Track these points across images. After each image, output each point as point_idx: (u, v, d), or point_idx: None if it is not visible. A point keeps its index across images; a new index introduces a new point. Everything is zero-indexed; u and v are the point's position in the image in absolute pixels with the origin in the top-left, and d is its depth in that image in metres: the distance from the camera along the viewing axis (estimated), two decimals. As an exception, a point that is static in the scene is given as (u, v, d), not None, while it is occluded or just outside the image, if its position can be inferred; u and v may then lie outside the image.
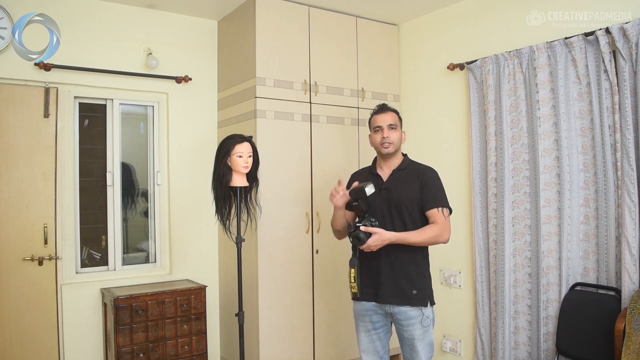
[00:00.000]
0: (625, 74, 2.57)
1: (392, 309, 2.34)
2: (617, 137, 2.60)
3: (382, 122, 2.41)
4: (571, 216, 2.85)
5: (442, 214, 2.27)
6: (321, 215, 3.47)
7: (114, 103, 3.44)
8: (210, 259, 3.74)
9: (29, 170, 3.07)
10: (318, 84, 3.50)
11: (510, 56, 3.10)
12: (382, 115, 2.43)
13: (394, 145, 2.39)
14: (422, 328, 2.31)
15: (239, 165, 2.82)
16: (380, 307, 2.38)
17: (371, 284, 2.38)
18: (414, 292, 2.30)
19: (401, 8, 3.65)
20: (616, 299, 2.62)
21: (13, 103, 3.04)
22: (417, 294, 2.31)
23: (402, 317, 2.32)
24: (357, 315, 2.48)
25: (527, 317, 3.06)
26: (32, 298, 3.05)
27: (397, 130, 2.42)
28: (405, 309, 2.31)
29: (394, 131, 2.40)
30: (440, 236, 2.26)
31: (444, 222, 2.27)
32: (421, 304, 2.30)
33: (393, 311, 2.34)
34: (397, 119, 2.46)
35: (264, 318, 3.22)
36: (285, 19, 3.38)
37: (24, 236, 3.05)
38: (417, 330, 2.31)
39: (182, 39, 3.65)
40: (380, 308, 2.38)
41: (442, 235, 2.26)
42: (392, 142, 2.38)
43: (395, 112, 2.48)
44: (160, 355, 3.12)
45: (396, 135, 2.40)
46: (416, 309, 2.31)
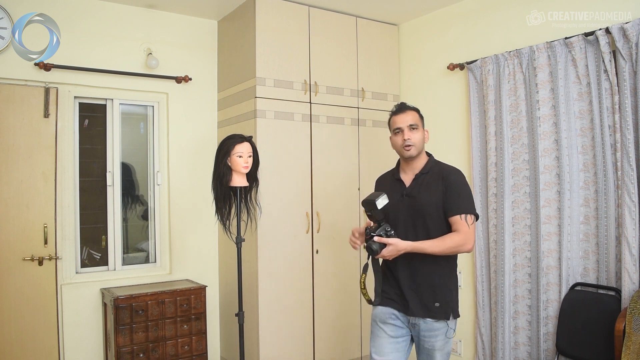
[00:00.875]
0: (625, 74, 2.57)
1: (415, 320, 2.20)
2: (617, 137, 2.60)
3: (402, 123, 2.22)
4: (571, 216, 2.85)
5: (465, 221, 2.08)
6: (321, 215, 3.47)
7: (114, 103, 3.44)
8: (210, 259, 3.74)
9: (29, 170, 3.07)
10: (318, 84, 3.50)
11: (510, 56, 3.10)
12: (402, 116, 2.24)
13: (416, 147, 2.22)
14: (445, 339, 2.17)
15: (239, 165, 2.82)
16: (402, 316, 2.23)
17: (394, 292, 2.25)
18: (437, 304, 2.14)
19: (401, 8, 3.65)
20: (616, 299, 2.62)
21: (13, 103, 3.04)
22: (440, 307, 2.15)
23: (425, 329, 2.18)
24: (376, 320, 2.29)
25: (527, 317, 3.06)
26: (32, 298, 3.05)
27: (419, 131, 2.24)
28: (428, 321, 2.16)
29: (415, 132, 2.22)
30: (462, 246, 2.07)
31: (467, 231, 2.08)
32: (444, 317, 2.14)
33: (416, 322, 2.20)
34: (418, 117, 2.27)
35: (264, 318, 3.22)
36: (285, 19, 3.38)
37: (24, 236, 3.05)
38: (439, 342, 2.16)
39: (182, 39, 3.65)
40: (403, 317, 2.23)
41: (465, 245, 2.07)
42: (414, 144, 2.21)
43: (416, 110, 2.29)
44: (160, 355, 3.12)
45: (418, 136, 2.22)
46: (441, 322, 2.15)
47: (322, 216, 3.48)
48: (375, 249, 2.05)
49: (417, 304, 2.17)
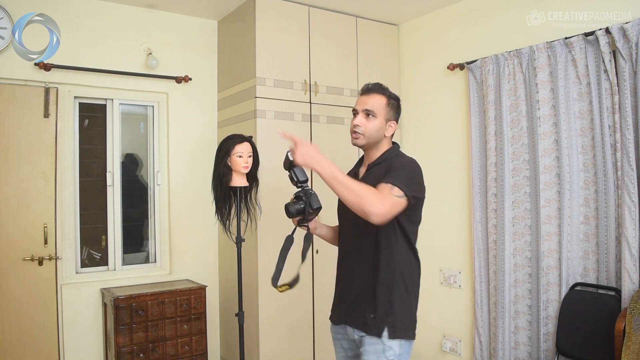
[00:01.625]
0: (625, 74, 2.57)
1: (354, 335, 1.88)
2: (617, 137, 2.60)
3: (358, 106, 1.91)
4: (571, 216, 2.85)
5: (388, 189, 1.69)
6: (321, 215, 3.47)
7: (114, 103, 3.44)
8: (210, 259, 3.74)
9: (29, 170, 3.07)
10: (318, 84, 3.50)
11: (510, 56, 3.10)
12: (364, 98, 1.91)
13: (365, 137, 1.88)
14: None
15: (239, 165, 2.82)
16: (345, 329, 1.95)
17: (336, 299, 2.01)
18: (372, 315, 1.81)
19: (401, 8, 3.65)
20: (616, 299, 2.62)
21: (13, 103, 3.04)
22: (374, 318, 1.80)
23: (361, 345, 1.85)
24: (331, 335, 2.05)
25: (527, 317, 3.06)
26: (32, 298, 3.05)
27: (377, 120, 1.87)
28: (362, 334, 1.84)
29: (370, 120, 1.87)
30: (368, 204, 1.61)
31: (384, 195, 1.66)
32: (376, 332, 1.79)
33: (355, 337, 1.88)
34: (384, 104, 1.88)
35: (264, 318, 3.22)
36: (285, 19, 3.38)
37: (24, 236, 3.05)
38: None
39: (182, 39, 3.64)
40: (346, 332, 1.95)
41: (372, 205, 1.61)
42: (363, 133, 1.88)
43: (387, 96, 1.91)
44: (160, 355, 3.12)
45: (371, 126, 1.87)
46: (374, 339, 1.79)
47: (322, 216, 3.47)
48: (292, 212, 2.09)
49: (352, 311, 1.89)
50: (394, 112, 1.93)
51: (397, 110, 1.95)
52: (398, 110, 1.95)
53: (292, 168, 1.96)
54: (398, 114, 1.96)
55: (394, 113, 1.94)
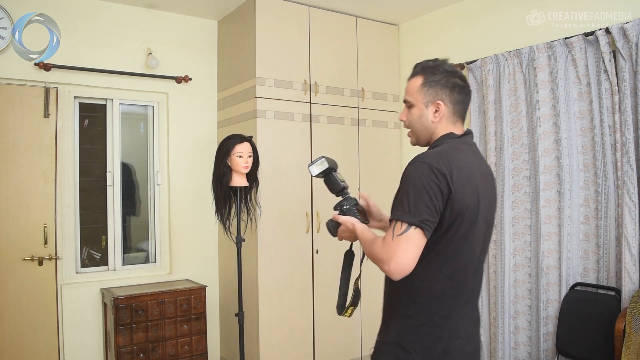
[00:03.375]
0: (625, 74, 2.57)
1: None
2: (617, 137, 2.60)
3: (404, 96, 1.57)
4: (571, 216, 2.85)
5: (391, 230, 1.34)
6: (321, 215, 3.47)
7: (114, 103, 3.44)
8: (210, 259, 3.74)
9: (29, 170, 3.07)
10: (318, 84, 3.50)
11: (510, 56, 3.10)
12: (406, 85, 1.57)
13: (412, 132, 1.55)
14: None
15: (239, 165, 2.82)
16: None
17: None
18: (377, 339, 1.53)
19: (401, 8, 3.65)
20: (616, 299, 2.62)
21: (13, 103, 3.04)
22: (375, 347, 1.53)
23: None
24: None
25: (527, 317, 3.06)
26: (32, 298, 3.05)
27: (415, 107, 1.50)
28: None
29: (410, 110, 1.52)
30: (381, 262, 1.34)
31: (387, 244, 1.33)
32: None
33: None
34: (418, 86, 1.49)
35: (264, 318, 3.22)
36: (285, 19, 3.38)
37: (24, 236, 3.05)
38: None
39: (182, 39, 3.64)
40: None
41: (383, 262, 1.33)
42: (408, 128, 1.56)
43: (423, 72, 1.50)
44: (160, 355, 3.12)
45: (411, 117, 1.52)
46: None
47: (322, 216, 3.47)
48: (330, 228, 1.62)
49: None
50: (436, 89, 1.47)
51: (443, 84, 1.47)
52: (444, 82, 1.47)
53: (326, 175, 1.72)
54: (446, 87, 1.46)
55: (436, 90, 1.47)
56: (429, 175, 1.32)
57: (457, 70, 1.51)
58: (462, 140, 1.47)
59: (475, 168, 1.42)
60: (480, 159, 1.50)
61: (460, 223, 1.35)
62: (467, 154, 1.43)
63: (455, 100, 1.48)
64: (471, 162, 1.42)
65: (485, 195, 1.43)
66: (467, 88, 1.51)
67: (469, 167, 1.39)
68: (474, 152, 1.49)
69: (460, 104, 1.49)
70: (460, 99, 1.49)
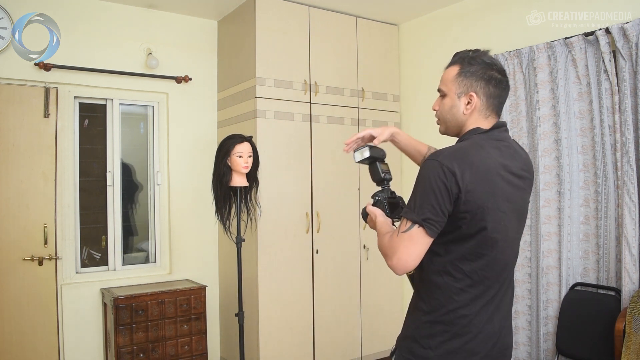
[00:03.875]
0: (625, 74, 2.57)
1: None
2: (617, 137, 2.60)
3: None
4: (571, 216, 2.85)
5: (398, 226, 1.38)
6: (321, 215, 3.47)
7: (114, 103, 3.44)
8: (210, 259, 3.74)
9: (29, 170, 3.07)
10: (318, 84, 3.50)
11: (510, 56, 3.10)
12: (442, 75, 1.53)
13: (441, 121, 1.51)
14: None
15: (239, 165, 2.82)
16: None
17: None
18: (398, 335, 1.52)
19: (401, 8, 3.65)
20: (616, 299, 2.62)
21: (13, 103, 3.04)
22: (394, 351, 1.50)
23: None
24: None
25: (527, 317, 3.06)
26: (32, 298, 3.05)
27: (448, 96, 1.47)
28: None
29: (443, 100, 1.49)
30: (386, 257, 1.37)
31: (393, 240, 1.36)
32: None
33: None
34: (453, 76, 1.46)
35: (264, 318, 3.22)
36: (285, 19, 3.38)
37: (24, 236, 3.05)
38: None
39: (182, 39, 3.64)
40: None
41: (387, 257, 1.36)
42: (438, 118, 1.52)
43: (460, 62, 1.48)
44: (160, 355, 3.12)
45: (442, 107, 1.49)
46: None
47: (322, 216, 3.48)
48: (362, 215, 1.64)
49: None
50: (471, 80, 1.42)
51: (479, 75, 1.42)
52: (480, 74, 1.42)
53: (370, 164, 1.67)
54: (482, 79, 1.42)
55: (470, 81, 1.42)
56: (437, 173, 1.30)
57: (496, 62, 1.45)
58: (488, 136, 1.40)
59: (495, 165, 1.35)
60: (510, 154, 1.41)
61: (476, 222, 1.32)
62: (490, 150, 1.37)
63: (490, 93, 1.41)
64: (491, 159, 1.35)
65: (513, 192, 1.38)
66: (504, 82, 1.44)
67: (487, 165, 1.33)
68: (502, 147, 1.40)
69: (495, 98, 1.42)
70: (496, 93, 1.42)
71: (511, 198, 1.37)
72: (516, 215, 1.40)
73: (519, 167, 1.41)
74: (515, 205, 1.40)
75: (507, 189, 1.36)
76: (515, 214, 1.40)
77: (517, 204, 1.41)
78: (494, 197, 1.33)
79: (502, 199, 1.35)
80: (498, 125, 1.43)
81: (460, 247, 1.36)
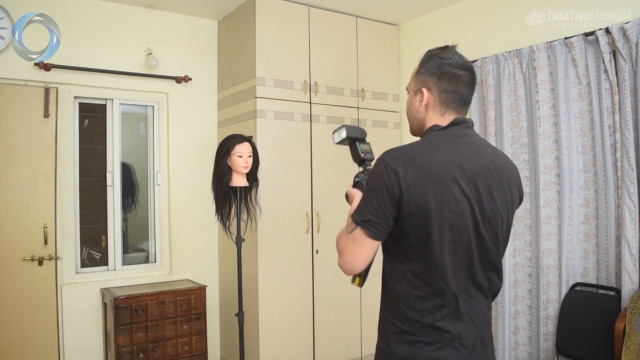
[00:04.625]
0: (625, 74, 2.57)
1: None
2: (617, 137, 2.60)
3: None
4: (571, 216, 2.85)
5: (346, 224, 1.35)
6: (321, 215, 3.47)
7: (114, 103, 3.44)
8: (210, 259, 3.74)
9: (29, 170, 3.07)
10: (318, 84, 3.50)
11: (510, 56, 3.10)
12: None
13: (408, 119, 1.48)
14: None
15: (239, 165, 2.83)
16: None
17: None
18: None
19: (401, 8, 3.65)
20: (616, 299, 2.62)
21: (13, 103, 3.04)
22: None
23: None
24: None
25: (527, 317, 3.06)
26: (32, 298, 3.05)
27: (408, 95, 1.46)
28: None
29: (408, 99, 1.47)
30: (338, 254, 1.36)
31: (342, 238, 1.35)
32: None
33: None
34: (413, 73, 1.46)
35: (264, 318, 3.22)
36: (285, 19, 3.38)
37: (24, 236, 3.05)
38: None
39: (182, 39, 3.65)
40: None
41: (338, 255, 1.35)
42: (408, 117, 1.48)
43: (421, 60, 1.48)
44: (160, 355, 3.12)
45: (406, 106, 1.47)
46: None
47: (322, 216, 3.48)
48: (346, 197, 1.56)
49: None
50: (425, 75, 1.39)
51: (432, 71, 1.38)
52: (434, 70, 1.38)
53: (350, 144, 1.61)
54: (434, 74, 1.37)
55: (424, 77, 1.38)
56: (380, 173, 1.26)
57: (453, 57, 1.38)
58: (445, 133, 1.32)
59: (447, 165, 1.25)
60: (471, 152, 1.30)
61: (421, 225, 1.24)
62: (443, 149, 1.28)
63: (443, 88, 1.34)
64: (444, 158, 1.26)
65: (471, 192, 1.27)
66: (460, 76, 1.35)
67: (436, 165, 1.25)
68: (461, 144, 1.30)
69: (449, 93, 1.34)
70: (450, 88, 1.34)
71: (467, 200, 1.26)
72: (476, 218, 1.28)
73: (482, 166, 1.30)
74: (475, 207, 1.28)
75: (463, 190, 1.26)
76: (473, 217, 1.28)
77: (483, 205, 1.29)
78: (441, 199, 1.24)
79: (453, 201, 1.24)
80: (457, 121, 1.34)
81: (414, 253, 1.28)
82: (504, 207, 1.33)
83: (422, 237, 1.25)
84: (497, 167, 1.32)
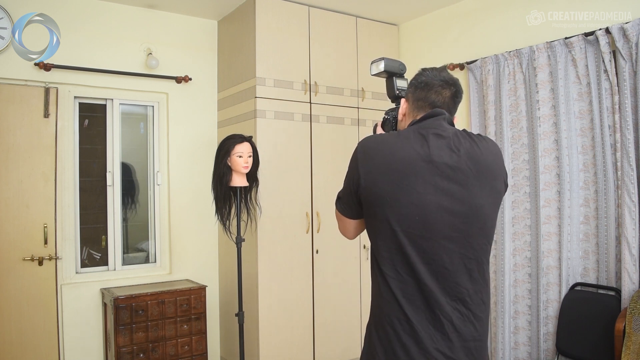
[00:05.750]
0: (625, 74, 2.57)
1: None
2: (617, 137, 2.60)
3: None
4: (571, 216, 2.85)
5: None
6: (321, 215, 3.47)
7: (114, 103, 3.44)
8: (210, 259, 3.74)
9: (29, 170, 3.07)
10: (318, 84, 3.50)
11: (510, 56, 3.10)
12: None
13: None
14: None
15: (239, 165, 2.83)
16: None
17: None
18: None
19: (401, 8, 3.65)
20: (616, 299, 2.62)
21: (13, 103, 3.04)
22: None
23: None
24: None
25: (527, 317, 3.06)
26: (32, 298, 3.05)
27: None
28: None
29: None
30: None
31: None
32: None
33: None
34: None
35: (264, 318, 3.22)
36: (285, 19, 3.38)
37: (24, 236, 3.05)
38: None
39: (182, 39, 3.65)
40: None
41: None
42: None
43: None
44: (160, 355, 3.12)
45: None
46: None
47: (322, 216, 3.48)
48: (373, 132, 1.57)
49: None
50: (408, 89, 1.50)
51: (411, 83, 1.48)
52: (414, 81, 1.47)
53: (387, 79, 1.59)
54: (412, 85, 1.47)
55: (407, 90, 1.51)
56: (355, 155, 1.36)
57: (433, 72, 1.43)
58: (418, 125, 1.34)
59: (413, 156, 1.27)
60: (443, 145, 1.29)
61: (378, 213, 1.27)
62: (413, 141, 1.29)
63: (417, 96, 1.42)
64: (410, 149, 1.28)
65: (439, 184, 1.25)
66: (430, 85, 1.39)
67: (400, 155, 1.27)
68: (431, 135, 1.30)
69: (420, 100, 1.41)
70: (422, 95, 1.41)
71: (434, 192, 1.25)
72: (449, 211, 1.25)
73: (454, 158, 1.27)
74: (446, 200, 1.25)
75: (428, 181, 1.25)
76: (445, 210, 1.25)
77: (450, 199, 1.25)
78: (400, 190, 1.24)
79: (415, 192, 1.24)
80: (432, 114, 1.35)
81: (377, 246, 1.30)
82: (484, 197, 1.29)
83: (382, 227, 1.28)
84: (474, 159, 1.29)
